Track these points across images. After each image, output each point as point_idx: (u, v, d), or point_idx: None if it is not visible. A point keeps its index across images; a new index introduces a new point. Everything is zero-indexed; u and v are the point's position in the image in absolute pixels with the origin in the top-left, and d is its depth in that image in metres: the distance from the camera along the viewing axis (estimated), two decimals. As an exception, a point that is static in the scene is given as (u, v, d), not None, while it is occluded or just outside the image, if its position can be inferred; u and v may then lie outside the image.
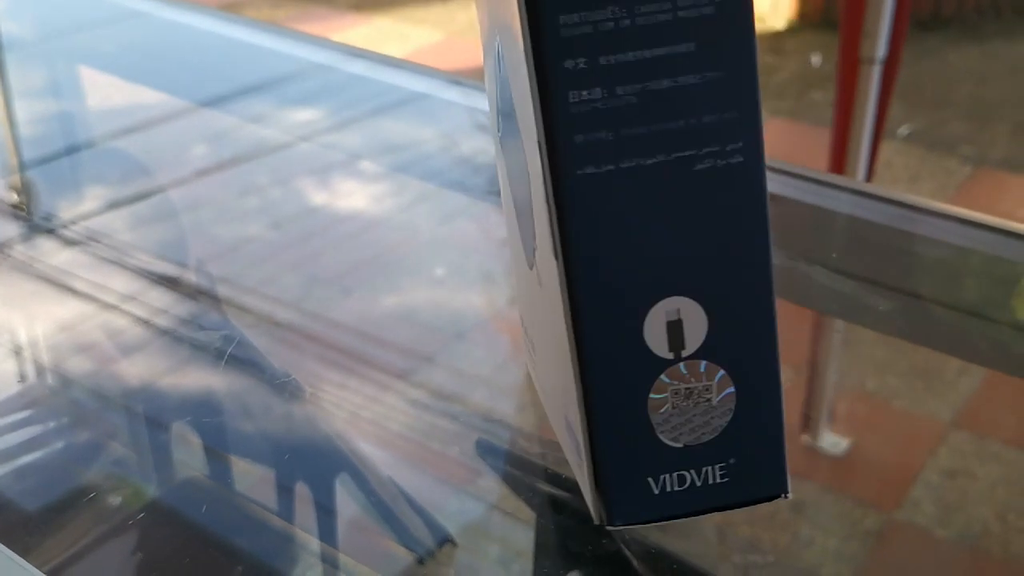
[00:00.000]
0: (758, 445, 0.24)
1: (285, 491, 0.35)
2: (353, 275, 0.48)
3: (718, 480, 0.25)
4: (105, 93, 0.69)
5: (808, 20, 2.62)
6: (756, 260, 0.23)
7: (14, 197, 0.55)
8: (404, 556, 0.32)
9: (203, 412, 0.38)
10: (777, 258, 0.23)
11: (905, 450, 0.38)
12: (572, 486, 0.32)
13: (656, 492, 0.25)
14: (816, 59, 2.41)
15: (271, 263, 0.49)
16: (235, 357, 0.40)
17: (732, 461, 0.25)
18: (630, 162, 0.22)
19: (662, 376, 0.24)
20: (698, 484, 0.25)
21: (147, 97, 0.67)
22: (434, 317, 0.44)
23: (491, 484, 0.34)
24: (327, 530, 0.33)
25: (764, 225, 0.23)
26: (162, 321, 0.43)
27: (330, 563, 0.32)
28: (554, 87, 0.22)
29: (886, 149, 1.77)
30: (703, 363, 0.24)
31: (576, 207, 0.22)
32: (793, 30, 2.60)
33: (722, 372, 0.24)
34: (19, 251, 0.49)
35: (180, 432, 0.37)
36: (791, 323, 0.46)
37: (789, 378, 0.43)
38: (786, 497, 0.25)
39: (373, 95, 0.64)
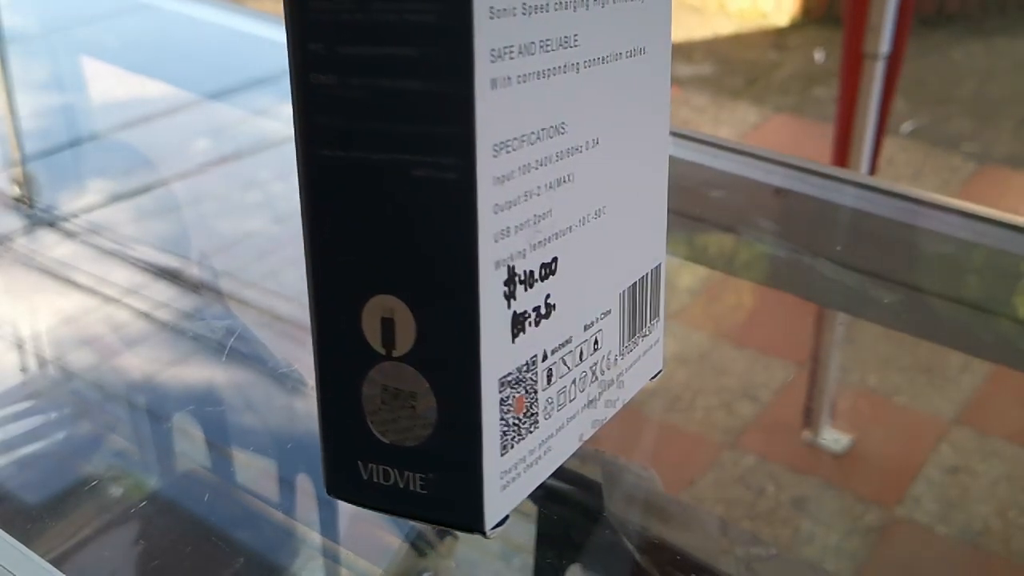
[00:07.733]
0: (454, 472, 0.23)
1: (286, 484, 0.35)
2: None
3: (418, 489, 0.24)
4: (108, 85, 0.69)
5: (812, 16, 2.62)
6: (461, 282, 0.22)
7: (17, 190, 0.55)
8: (405, 549, 0.32)
9: (205, 404, 0.38)
10: (782, 251, 0.23)
11: (907, 446, 0.38)
12: (573, 478, 0.32)
13: (364, 478, 0.24)
14: (819, 55, 2.41)
15: (273, 257, 0.49)
16: (237, 350, 0.40)
17: (431, 476, 0.24)
18: (358, 153, 0.22)
19: (375, 369, 0.23)
20: (401, 486, 0.24)
21: (151, 90, 0.67)
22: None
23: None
24: (327, 523, 0.33)
25: (471, 249, 0.22)
26: (164, 314, 0.43)
27: (330, 556, 0.32)
28: (300, 66, 0.23)
29: (889, 146, 1.77)
30: (411, 369, 0.23)
31: (312, 186, 0.23)
32: (797, 26, 2.60)
33: (427, 384, 0.23)
34: (21, 244, 0.49)
35: (181, 424, 0.37)
36: (794, 316, 0.46)
37: (792, 372, 0.43)
38: (485, 536, 0.24)
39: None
